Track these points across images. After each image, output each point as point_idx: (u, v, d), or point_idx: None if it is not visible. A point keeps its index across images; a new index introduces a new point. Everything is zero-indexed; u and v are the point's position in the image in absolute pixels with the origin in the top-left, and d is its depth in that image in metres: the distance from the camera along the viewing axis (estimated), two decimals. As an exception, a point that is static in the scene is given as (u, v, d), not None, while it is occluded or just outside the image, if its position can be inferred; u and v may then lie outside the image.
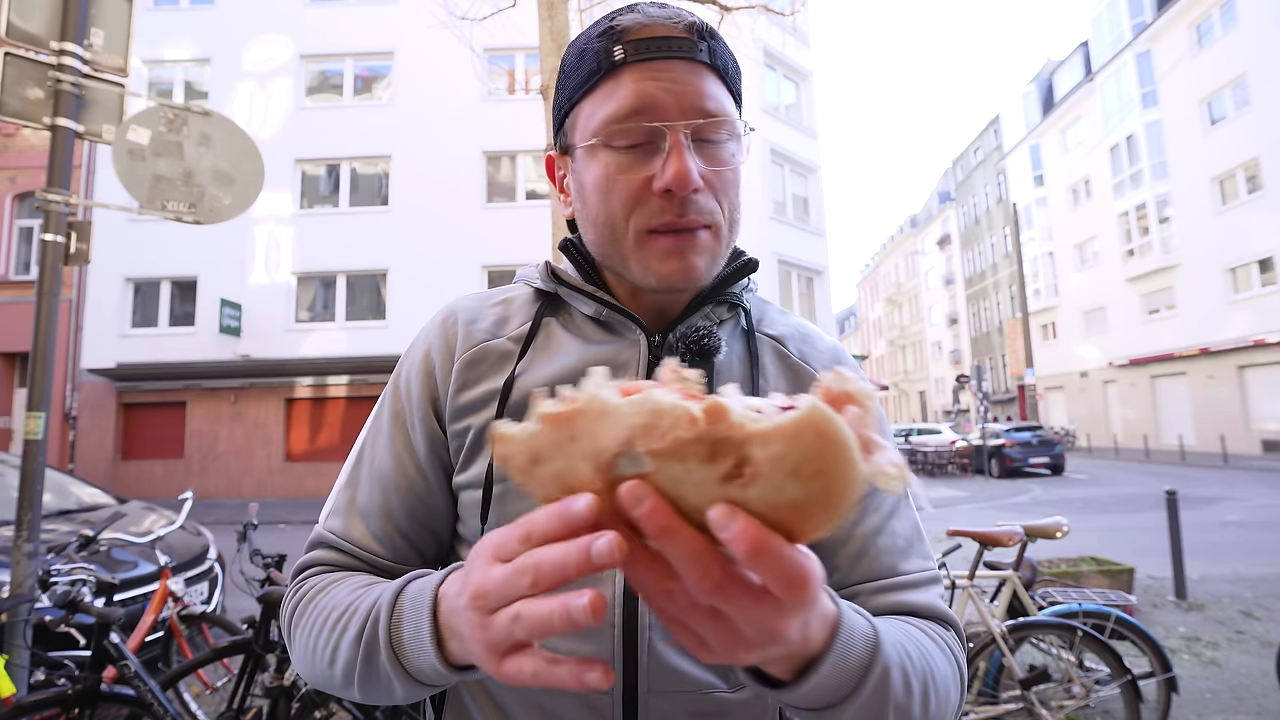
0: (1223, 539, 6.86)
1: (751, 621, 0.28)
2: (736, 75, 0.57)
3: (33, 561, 2.15)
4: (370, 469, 0.59)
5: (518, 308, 0.63)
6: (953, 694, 0.47)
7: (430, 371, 0.59)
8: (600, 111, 0.53)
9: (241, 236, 13.12)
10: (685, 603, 0.28)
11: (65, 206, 2.33)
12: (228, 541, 3.76)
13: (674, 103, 0.51)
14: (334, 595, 0.50)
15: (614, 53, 0.52)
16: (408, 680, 0.42)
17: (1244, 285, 17.48)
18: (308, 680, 0.52)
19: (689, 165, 0.50)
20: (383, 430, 0.60)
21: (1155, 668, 2.41)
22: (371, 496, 0.58)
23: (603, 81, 0.53)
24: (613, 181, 0.53)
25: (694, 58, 0.52)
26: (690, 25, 0.53)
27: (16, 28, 2.33)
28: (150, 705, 1.96)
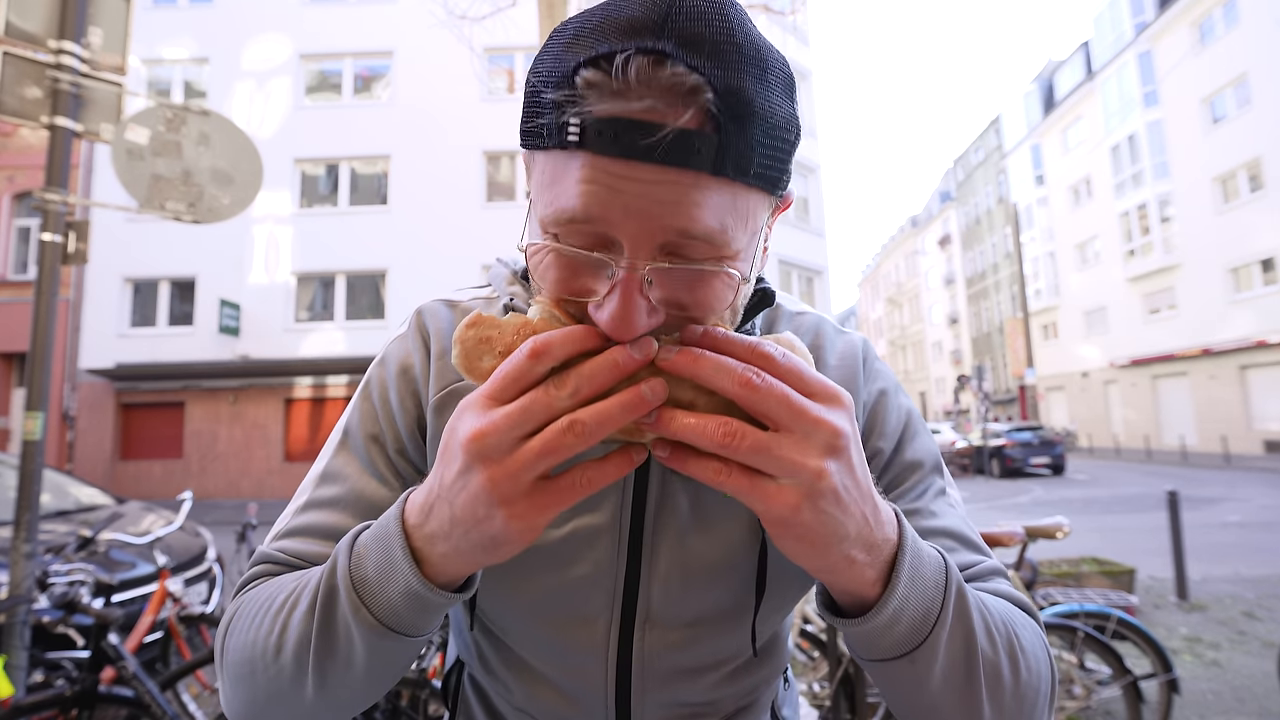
0: (1224, 539, 6.85)
1: (799, 417, 0.32)
2: (774, 158, 0.39)
3: (31, 562, 2.15)
4: (344, 490, 0.51)
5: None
6: (1045, 670, 0.43)
7: (412, 388, 0.54)
8: (545, 194, 0.39)
9: (240, 236, 13.11)
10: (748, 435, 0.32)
11: (63, 206, 2.32)
12: (227, 542, 3.76)
13: (634, 226, 0.35)
14: (278, 583, 0.45)
15: (569, 129, 0.35)
16: (374, 629, 0.37)
17: (1245, 285, 17.46)
18: (241, 711, 0.44)
19: (633, 313, 0.35)
20: (357, 451, 0.53)
21: (1157, 668, 2.41)
22: (343, 522, 0.50)
23: (554, 150, 0.38)
24: (552, 290, 0.40)
25: (687, 163, 0.34)
26: (699, 110, 0.33)
27: (15, 26, 2.32)
28: (149, 706, 1.95)
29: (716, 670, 0.52)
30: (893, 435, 0.55)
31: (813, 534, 0.34)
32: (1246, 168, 17.20)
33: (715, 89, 0.34)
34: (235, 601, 0.48)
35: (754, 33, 0.37)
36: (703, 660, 0.51)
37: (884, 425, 0.55)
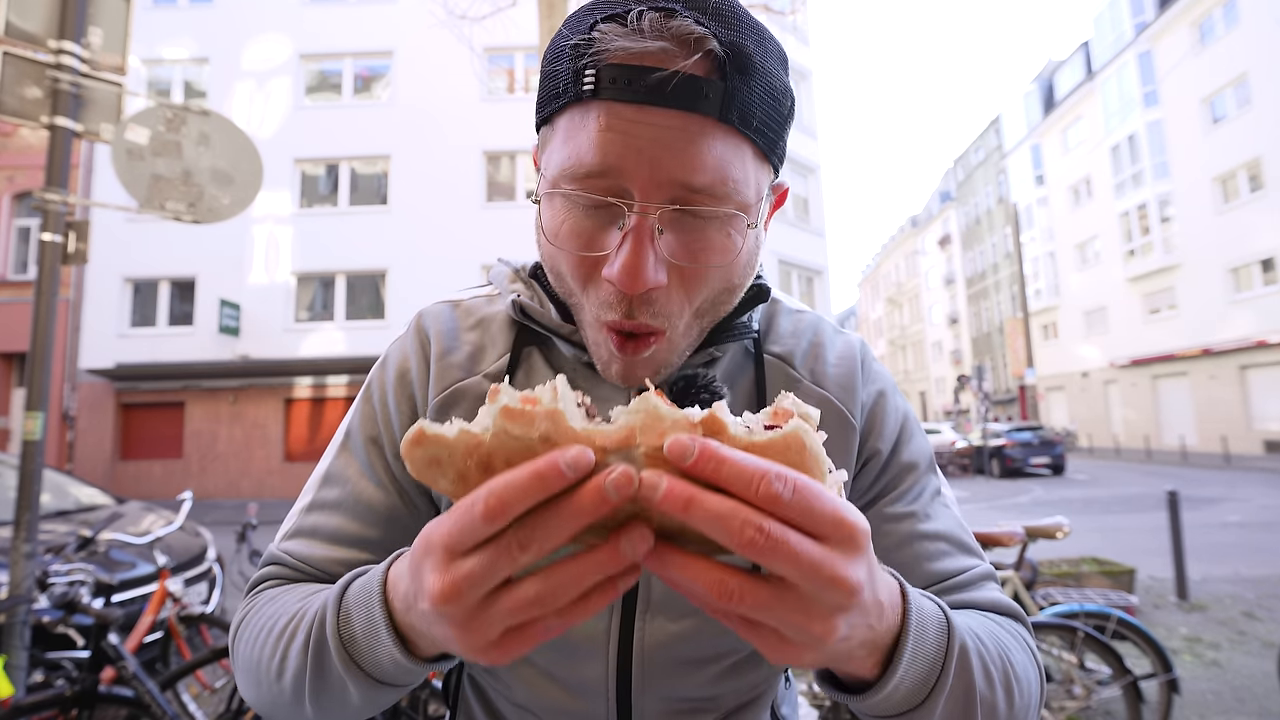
0: (1224, 539, 6.85)
1: (811, 575, 0.26)
2: (772, 121, 0.41)
3: (31, 562, 2.15)
4: (344, 493, 0.52)
5: (494, 334, 0.55)
6: (1035, 688, 0.44)
7: (408, 392, 0.54)
8: (559, 153, 0.41)
9: (240, 236, 13.11)
10: (747, 592, 0.27)
11: (63, 206, 2.32)
12: (227, 542, 3.76)
13: (646, 172, 0.38)
14: (281, 603, 0.46)
15: (584, 78, 0.38)
16: (365, 681, 0.38)
17: (1246, 285, 17.46)
18: (252, 703, 0.46)
19: (643, 262, 0.38)
20: (357, 453, 0.54)
21: (1157, 668, 2.41)
22: (344, 525, 0.51)
23: (569, 107, 0.40)
24: (566, 246, 0.42)
25: (694, 107, 0.37)
26: (706, 55, 0.37)
27: (14, 26, 2.32)
28: (149, 706, 1.95)
29: (717, 663, 0.51)
30: (890, 437, 0.55)
31: (812, 662, 0.31)
32: (1246, 168, 17.20)
33: (721, 41, 0.37)
34: (246, 604, 0.50)
35: (751, 14, 0.41)
36: (704, 652, 0.51)
37: (882, 427, 0.55)
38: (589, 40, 0.39)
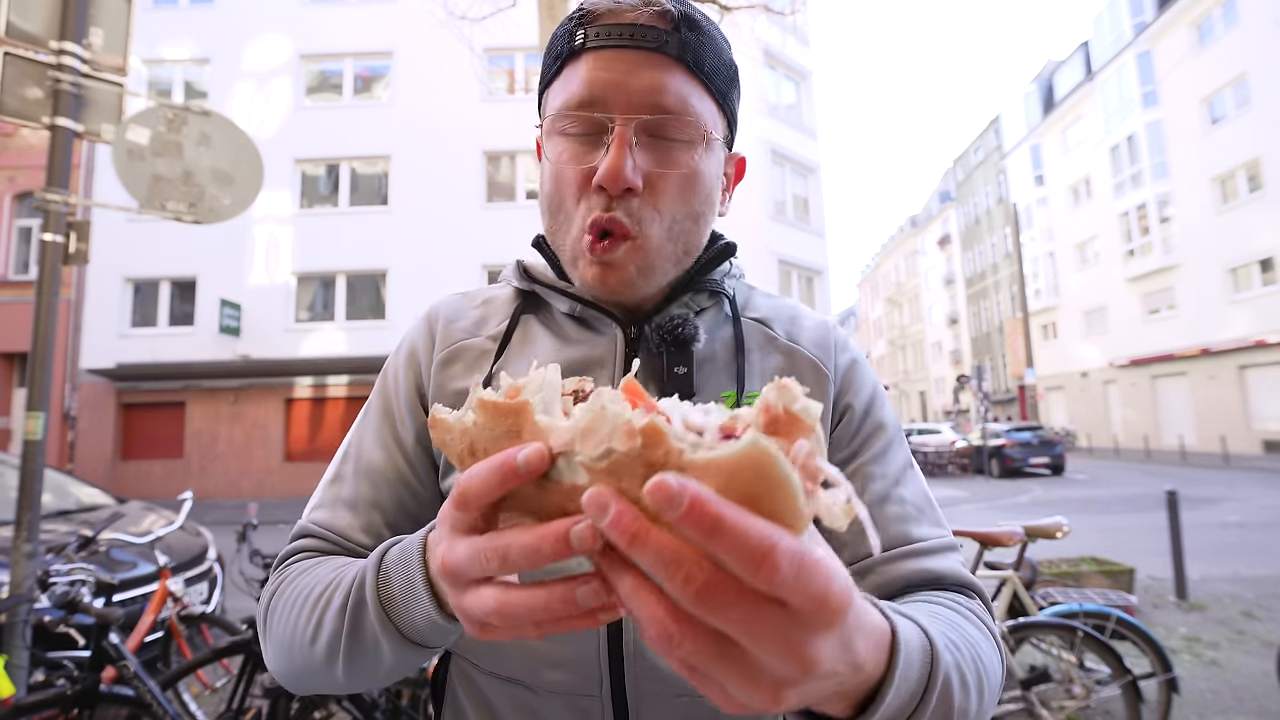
0: (1224, 539, 6.86)
1: (766, 643, 0.23)
2: (719, 74, 0.53)
3: (32, 562, 2.15)
4: (358, 463, 0.57)
5: (497, 308, 0.62)
6: (997, 671, 0.45)
7: (415, 367, 0.59)
8: (558, 98, 0.52)
9: (241, 236, 13.11)
10: (687, 639, 0.23)
11: (64, 206, 2.33)
12: (227, 542, 3.76)
13: (624, 94, 0.49)
14: (315, 574, 0.48)
15: (576, 36, 0.51)
16: (398, 640, 0.40)
17: (1245, 285, 17.47)
18: (280, 674, 0.48)
19: (623, 161, 0.47)
20: (370, 425, 0.59)
21: (1156, 668, 2.41)
22: (359, 489, 0.56)
23: (565, 66, 0.52)
24: (560, 169, 0.52)
25: (659, 49, 0.49)
26: (663, 13, 0.50)
27: (15, 27, 2.32)
28: (149, 705, 1.95)
29: None
30: (864, 397, 0.57)
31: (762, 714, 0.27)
32: (1245, 168, 17.21)
33: (677, 6, 0.51)
34: (277, 576, 0.52)
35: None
36: None
37: (858, 387, 0.58)
38: (581, 11, 0.52)
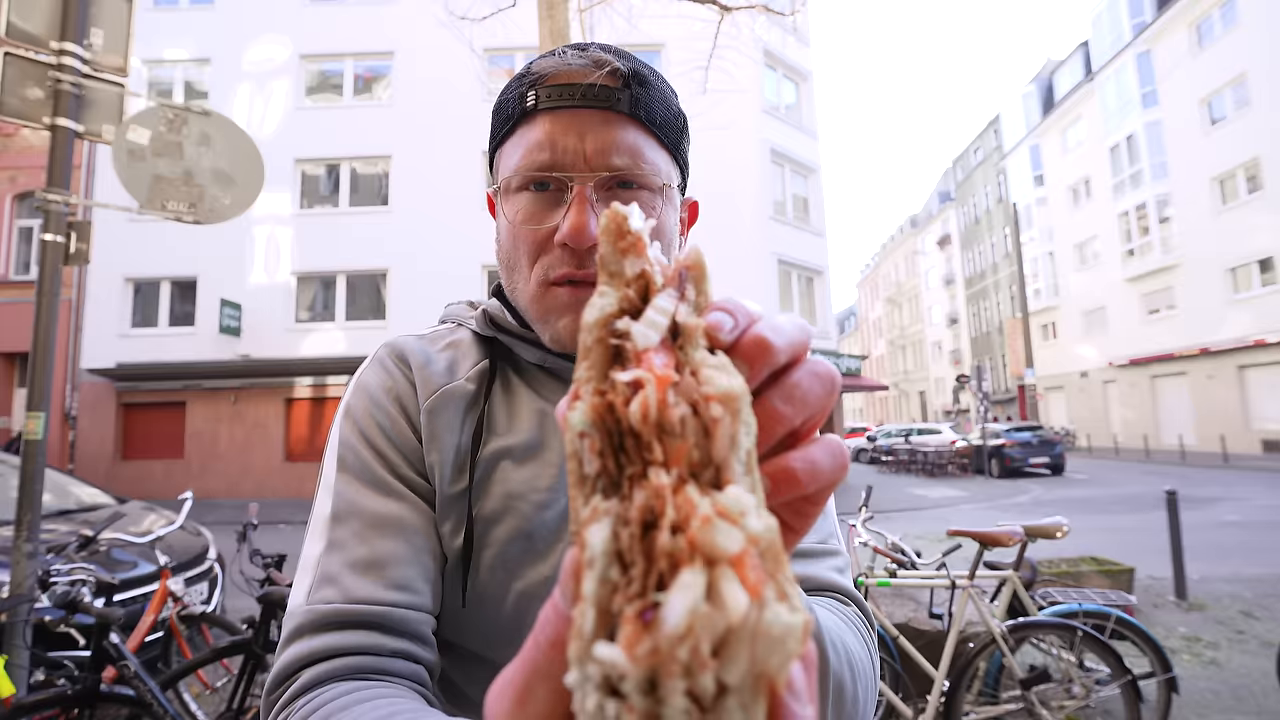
0: (1223, 539, 6.86)
1: None
2: (670, 125, 0.54)
3: (32, 562, 2.15)
4: (360, 522, 0.49)
5: (465, 351, 0.59)
6: (869, 673, 0.47)
7: (404, 412, 0.54)
8: (513, 157, 0.53)
9: (241, 236, 13.12)
10: None
11: (65, 206, 2.33)
12: (228, 542, 3.77)
13: (581, 154, 0.50)
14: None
15: (528, 98, 0.52)
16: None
17: (1244, 285, 17.48)
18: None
19: (587, 219, 0.49)
20: (358, 477, 0.52)
21: (1155, 668, 2.41)
22: (380, 547, 0.48)
23: (518, 126, 0.53)
24: (518, 229, 0.53)
25: (611, 107, 0.51)
26: (614, 72, 0.51)
27: (16, 27, 2.33)
28: (150, 705, 1.96)
29: None
30: None
31: None
32: (1245, 168, 17.22)
33: (623, 64, 0.52)
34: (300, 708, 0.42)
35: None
36: None
37: None
38: (529, 72, 0.53)
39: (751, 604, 0.14)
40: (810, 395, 0.22)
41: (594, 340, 0.20)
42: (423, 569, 0.49)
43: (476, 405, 0.55)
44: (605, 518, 0.17)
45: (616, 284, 0.21)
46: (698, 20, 4.80)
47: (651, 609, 0.15)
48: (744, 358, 0.21)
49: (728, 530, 0.15)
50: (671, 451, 0.18)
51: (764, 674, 0.14)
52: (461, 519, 0.51)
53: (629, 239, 0.22)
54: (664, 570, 0.15)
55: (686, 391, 0.18)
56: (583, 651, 0.15)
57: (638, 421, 0.18)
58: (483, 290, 13.39)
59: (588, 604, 0.16)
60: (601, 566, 0.16)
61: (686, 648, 0.14)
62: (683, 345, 0.20)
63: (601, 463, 0.18)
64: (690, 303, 0.22)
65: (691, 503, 0.16)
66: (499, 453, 0.53)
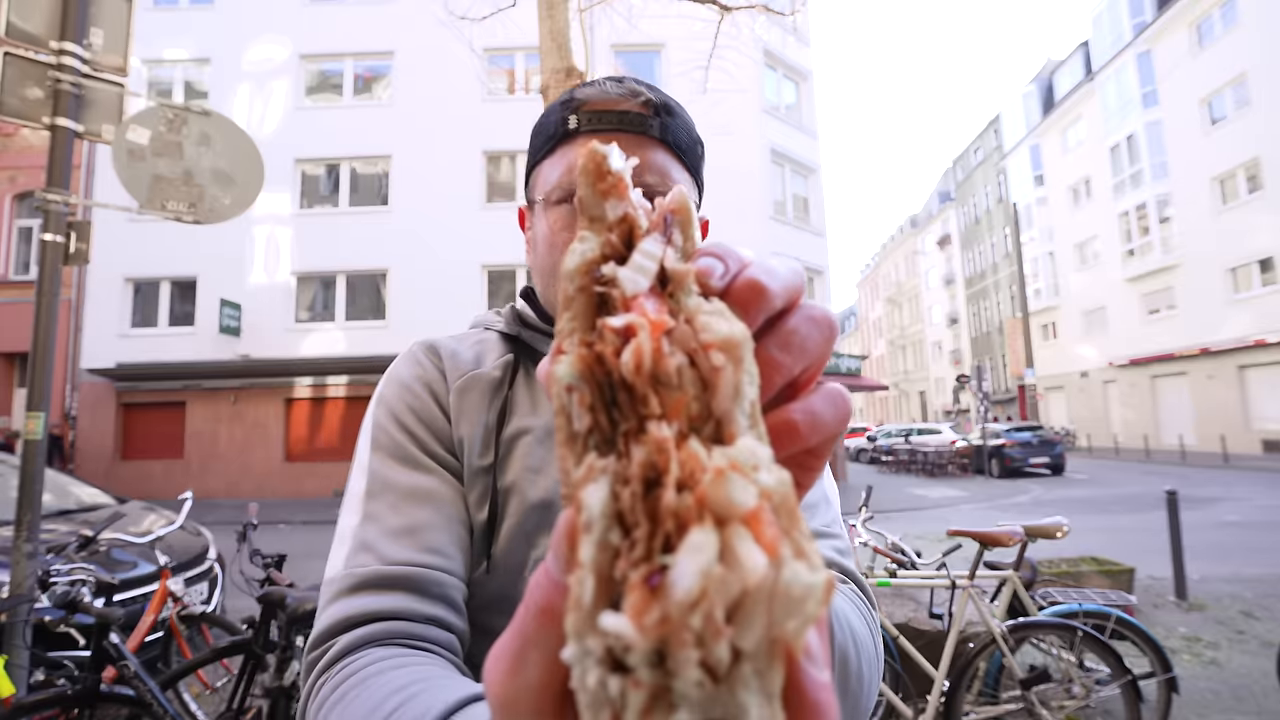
0: (1223, 539, 6.86)
1: None
2: (692, 150, 0.61)
3: (32, 562, 2.15)
4: (400, 495, 0.54)
5: (490, 346, 0.65)
6: (872, 651, 0.48)
7: (434, 395, 0.59)
8: (553, 173, 0.59)
9: (241, 236, 13.12)
10: None
11: (65, 206, 2.33)
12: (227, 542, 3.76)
13: None
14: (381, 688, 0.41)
15: (569, 121, 0.58)
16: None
17: (1244, 285, 17.48)
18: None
19: None
20: (390, 454, 0.56)
21: (1156, 668, 2.41)
22: (414, 515, 0.52)
23: (558, 146, 0.59)
24: (555, 236, 0.57)
25: (644, 132, 0.57)
26: (645, 102, 0.58)
27: (16, 27, 2.32)
28: (150, 705, 1.96)
29: None
30: None
31: None
32: (1245, 168, 17.22)
33: (654, 97, 0.59)
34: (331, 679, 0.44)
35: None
36: None
37: None
38: (571, 99, 0.58)
39: (769, 564, 0.13)
40: (809, 342, 0.21)
41: (576, 289, 0.18)
42: (454, 535, 0.54)
43: (501, 390, 0.61)
44: (602, 476, 0.15)
45: (598, 229, 0.20)
46: (698, 20, 4.80)
47: (659, 573, 0.14)
48: (737, 304, 0.19)
49: (742, 484, 0.14)
50: (669, 404, 0.16)
51: (781, 638, 0.13)
52: (487, 490, 0.56)
53: (609, 180, 0.20)
54: (670, 531, 0.14)
55: (682, 340, 0.17)
56: (583, 623, 0.14)
57: (630, 373, 0.16)
58: (482, 290, 13.38)
59: (586, 571, 0.14)
60: (601, 529, 0.15)
61: (700, 614, 0.13)
62: (673, 292, 0.18)
63: (593, 418, 0.17)
64: (677, 248, 0.20)
65: (697, 457, 0.15)
66: (520, 431, 0.58)
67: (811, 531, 0.56)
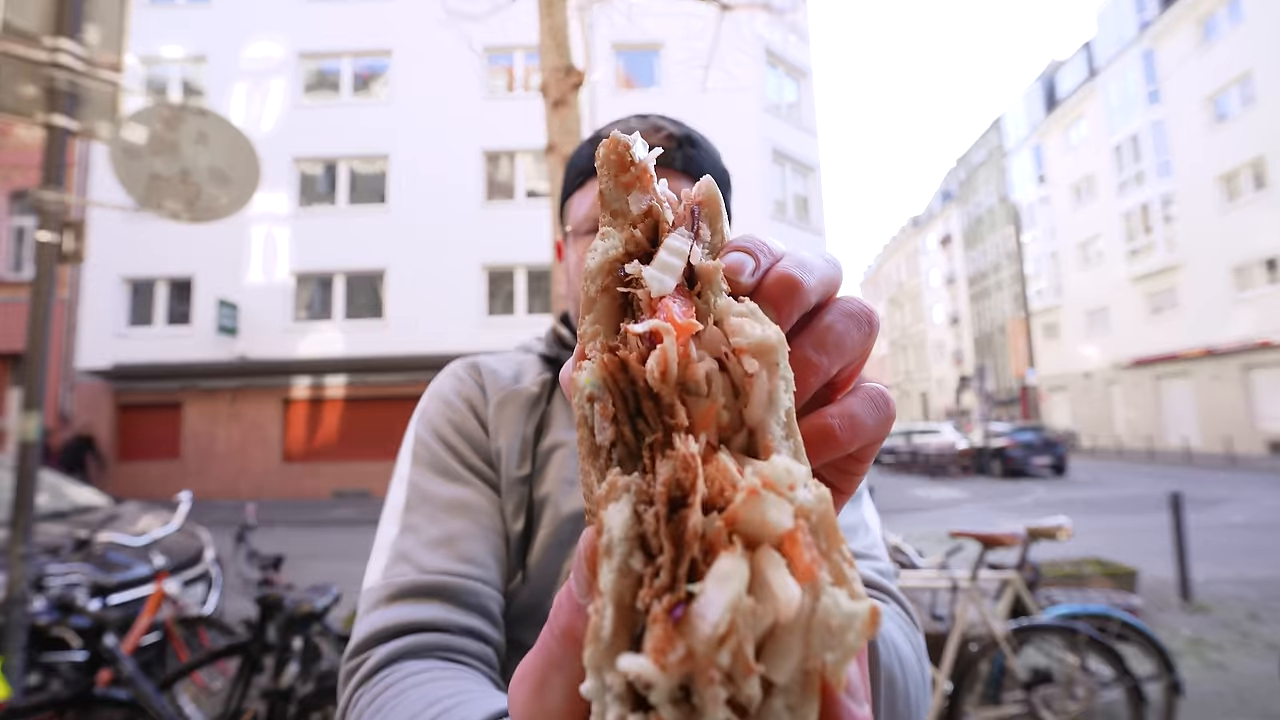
0: (1228, 541, 6.83)
1: None
2: (718, 179, 0.67)
3: (27, 564, 2.13)
4: (438, 506, 0.56)
5: (530, 365, 0.68)
6: (918, 671, 0.47)
7: (474, 410, 0.62)
8: (583, 205, 0.62)
9: (238, 236, 13.11)
10: None
11: (60, 205, 2.31)
12: (225, 543, 3.75)
13: None
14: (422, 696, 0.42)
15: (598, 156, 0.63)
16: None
17: (1249, 284, 17.42)
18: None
19: None
20: (430, 467, 0.58)
21: (1159, 670, 2.39)
22: (451, 526, 0.54)
23: (588, 180, 0.62)
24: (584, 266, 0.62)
25: (669, 165, 0.60)
26: (670, 136, 0.61)
27: (10, 23, 2.30)
28: (145, 708, 1.94)
29: None
30: None
31: None
32: (1250, 166, 17.16)
33: (677, 131, 0.62)
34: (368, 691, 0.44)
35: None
36: None
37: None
38: (600, 135, 0.60)
39: (805, 592, 0.12)
40: (846, 339, 0.19)
41: (599, 289, 0.17)
42: (490, 545, 0.55)
43: (539, 405, 0.63)
44: (625, 495, 0.14)
45: (620, 224, 0.19)
46: (698, 18, 4.78)
47: (683, 604, 0.12)
48: (770, 302, 0.18)
49: (777, 504, 0.13)
50: (697, 414, 0.15)
51: (817, 671, 0.12)
52: (523, 501, 0.58)
53: (633, 171, 0.19)
54: (697, 557, 0.13)
55: (711, 344, 0.16)
56: (601, 657, 0.13)
57: (656, 380, 0.15)
58: (482, 289, 13.38)
59: (606, 600, 0.13)
60: (621, 554, 0.13)
61: (728, 650, 0.12)
62: (700, 291, 0.17)
63: (616, 430, 0.15)
64: (705, 243, 0.19)
65: (727, 473, 0.14)
66: (557, 444, 0.61)
67: (853, 550, 0.55)
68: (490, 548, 0.55)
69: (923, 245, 43.61)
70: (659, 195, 0.19)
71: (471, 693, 0.42)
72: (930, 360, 42.64)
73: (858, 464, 0.21)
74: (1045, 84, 27.39)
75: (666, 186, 0.20)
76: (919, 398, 44.81)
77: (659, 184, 0.19)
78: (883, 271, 54.04)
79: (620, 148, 0.19)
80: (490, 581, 0.53)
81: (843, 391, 0.20)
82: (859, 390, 0.20)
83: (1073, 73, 25.14)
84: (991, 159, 32.12)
